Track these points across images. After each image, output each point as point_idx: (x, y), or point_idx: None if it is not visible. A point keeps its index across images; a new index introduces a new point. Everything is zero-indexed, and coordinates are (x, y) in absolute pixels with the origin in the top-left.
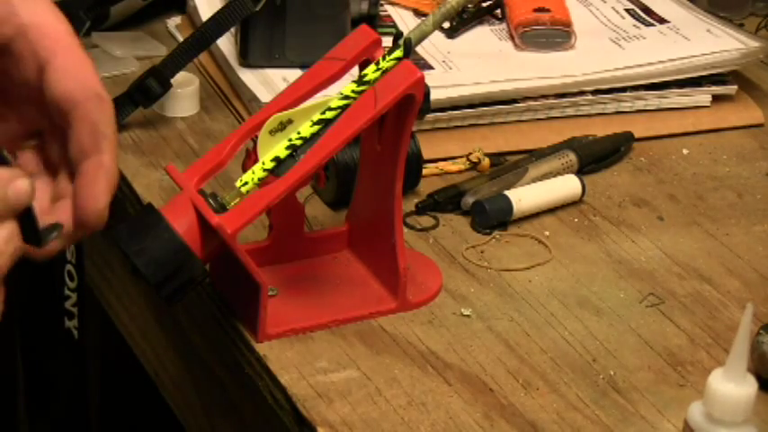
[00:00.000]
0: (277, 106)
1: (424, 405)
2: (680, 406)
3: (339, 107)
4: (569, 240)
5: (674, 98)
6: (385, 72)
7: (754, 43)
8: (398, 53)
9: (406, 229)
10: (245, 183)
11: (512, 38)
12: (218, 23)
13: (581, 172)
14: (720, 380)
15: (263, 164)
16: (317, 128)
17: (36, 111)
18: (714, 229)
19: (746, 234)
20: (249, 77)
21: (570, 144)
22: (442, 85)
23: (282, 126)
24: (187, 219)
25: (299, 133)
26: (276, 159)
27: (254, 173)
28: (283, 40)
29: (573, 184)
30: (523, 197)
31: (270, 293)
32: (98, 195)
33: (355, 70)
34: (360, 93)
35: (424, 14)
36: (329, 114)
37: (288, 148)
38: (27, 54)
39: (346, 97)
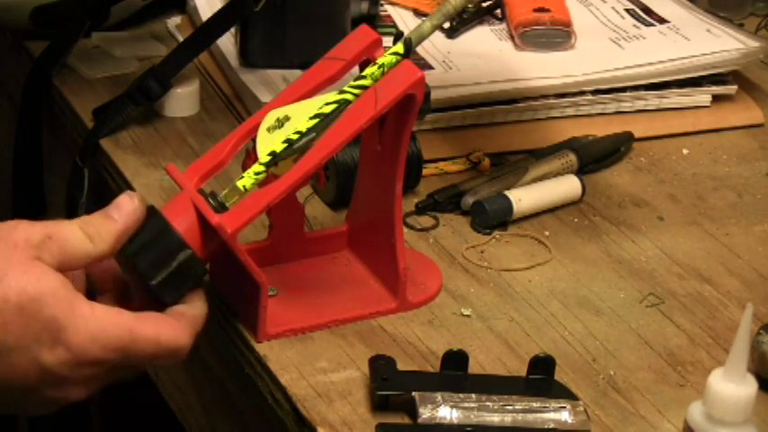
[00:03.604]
0: (277, 106)
1: None
2: (680, 406)
3: (336, 101)
4: (569, 240)
5: (674, 98)
6: (380, 66)
7: (754, 43)
8: (399, 48)
9: (406, 229)
10: (245, 183)
11: (512, 38)
12: (218, 24)
13: (581, 172)
14: (720, 380)
15: (260, 159)
16: (313, 122)
17: None
18: (714, 229)
19: (746, 234)
20: (249, 77)
21: (570, 144)
22: (441, 85)
23: (280, 123)
24: (187, 219)
25: (296, 128)
26: (272, 154)
27: (253, 172)
28: (283, 40)
29: (573, 184)
30: (523, 197)
31: (270, 293)
32: None
33: (355, 70)
34: (358, 87)
35: (424, 14)
36: (326, 109)
37: (284, 142)
38: None
39: (344, 91)
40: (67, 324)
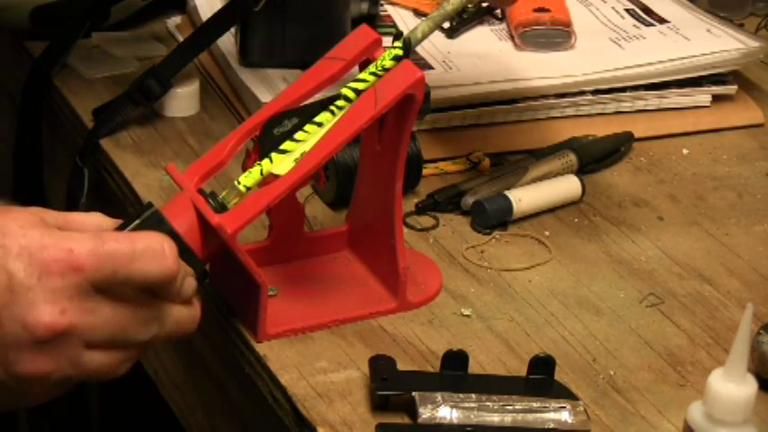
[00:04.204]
0: (277, 106)
1: None
2: (680, 406)
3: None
4: (569, 240)
5: (674, 98)
6: (378, 65)
7: (754, 43)
8: (398, 47)
9: (406, 229)
10: (244, 182)
11: (512, 38)
12: (218, 23)
13: (581, 172)
14: (720, 380)
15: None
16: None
17: None
18: (714, 229)
19: (746, 234)
20: (249, 77)
21: (570, 144)
22: (441, 85)
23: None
24: (187, 218)
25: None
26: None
27: (252, 172)
28: (283, 40)
29: (573, 184)
30: (523, 197)
31: (270, 293)
32: None
33: (355, 70)
34: (358, 81)
35: (424, 14)
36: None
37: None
38: None
39: (343, 89)
40: (33, 234)
